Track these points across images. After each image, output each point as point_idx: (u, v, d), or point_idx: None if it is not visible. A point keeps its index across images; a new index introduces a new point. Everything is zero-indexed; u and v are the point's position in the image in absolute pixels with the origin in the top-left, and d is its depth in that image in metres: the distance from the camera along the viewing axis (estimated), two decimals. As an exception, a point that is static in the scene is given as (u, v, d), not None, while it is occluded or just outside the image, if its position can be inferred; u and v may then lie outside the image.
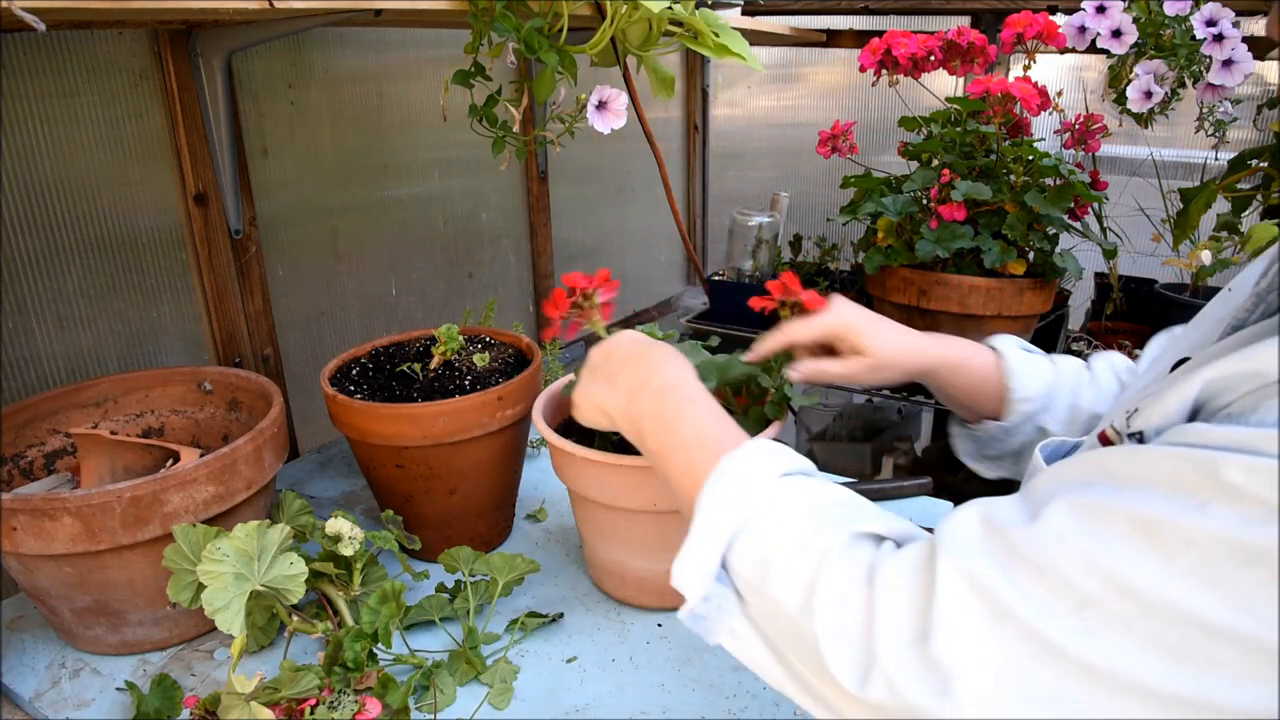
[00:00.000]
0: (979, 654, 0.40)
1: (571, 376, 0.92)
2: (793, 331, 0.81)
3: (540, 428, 0.86)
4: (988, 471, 0.88)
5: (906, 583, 0.44)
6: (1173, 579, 0.36)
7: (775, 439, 0.81)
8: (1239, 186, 1.38)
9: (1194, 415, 0.43)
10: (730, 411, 0.81)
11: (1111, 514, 0.39)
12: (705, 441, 0.59)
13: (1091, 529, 0.39)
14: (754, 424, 0.82)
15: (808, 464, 0.58)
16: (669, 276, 2.27)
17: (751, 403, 0.83)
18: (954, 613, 0.41)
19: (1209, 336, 0.58)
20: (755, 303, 0.87)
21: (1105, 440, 0.50)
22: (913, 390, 1.46)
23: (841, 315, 0.81)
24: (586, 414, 0.72)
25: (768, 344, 0.82)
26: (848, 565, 0.47)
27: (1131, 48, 1.28)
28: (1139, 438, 0.46)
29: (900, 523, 0.52)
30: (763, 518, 0.51)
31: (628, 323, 2.12)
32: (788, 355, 0.84)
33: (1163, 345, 0.74)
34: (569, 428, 0.93)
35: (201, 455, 0.83)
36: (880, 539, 0.50)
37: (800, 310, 0.83)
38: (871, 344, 0.80)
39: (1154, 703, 0.36)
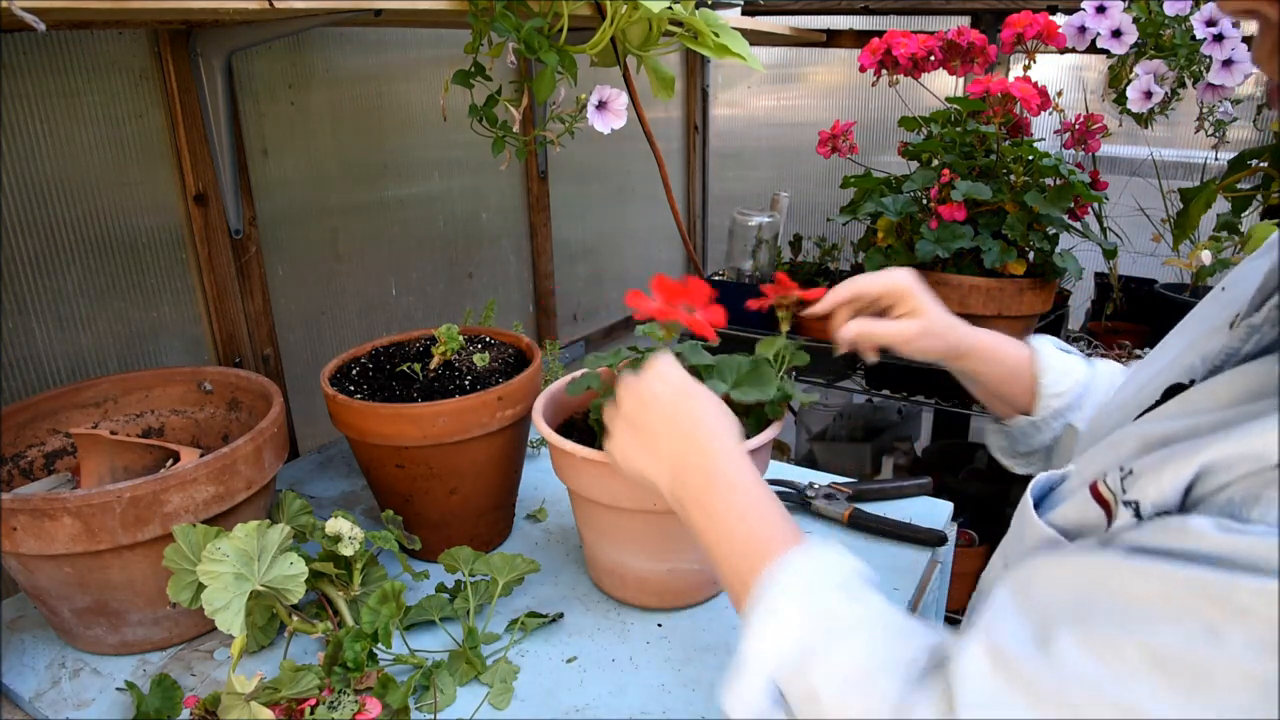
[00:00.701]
0: None
1: (572, 376, 0.92)
2: (860, 282, 0.83)
3: (540, 428, 0.86)
4: (1019, 468, 0.88)
5: None
6: (1192, 715, 0.35)
7: (776, 438, 0.82)
8: (1239, 186, 1.38)
9: (1190, 488, 0.43)
10: (734, 411, 0.81)
11: (1124, 648, 0.38)
12: (751, 539, 0.58)
13: (1106, 665, 0.39)
14: (754, 424, 0.82)
15: (851, 565, 0.56)
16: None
17: (753, 402, 0.83)
18: None
19: (1199, 342, 0.58)
20: (752, 304, 0.87)
21: (1097, 494, 0.49)
22: (913, 390, 1.46)
23: (905, 276, 0.83)
24: (627, 474, 0.69)
25: (836, 294, 0.84)
26: (880, 703, 0.46)
27: (1131, 48, 1.28)
28: (1135, 508, 0.45)
29: (935, 635, 0.51)
30: (814, 651, 0.50)
31: (627, 323, 2.12)
32: (789, 357, 0.84)
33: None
34: (569, 427, 0.94)
35: (201, 455, 0.83)
36: (928, 669, 0.49)
37: (799, 305, 0.83)
38: (928, 308, 0.83)
39: None
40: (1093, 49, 1.30)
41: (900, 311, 0.83)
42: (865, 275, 0.84)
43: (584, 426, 0.93)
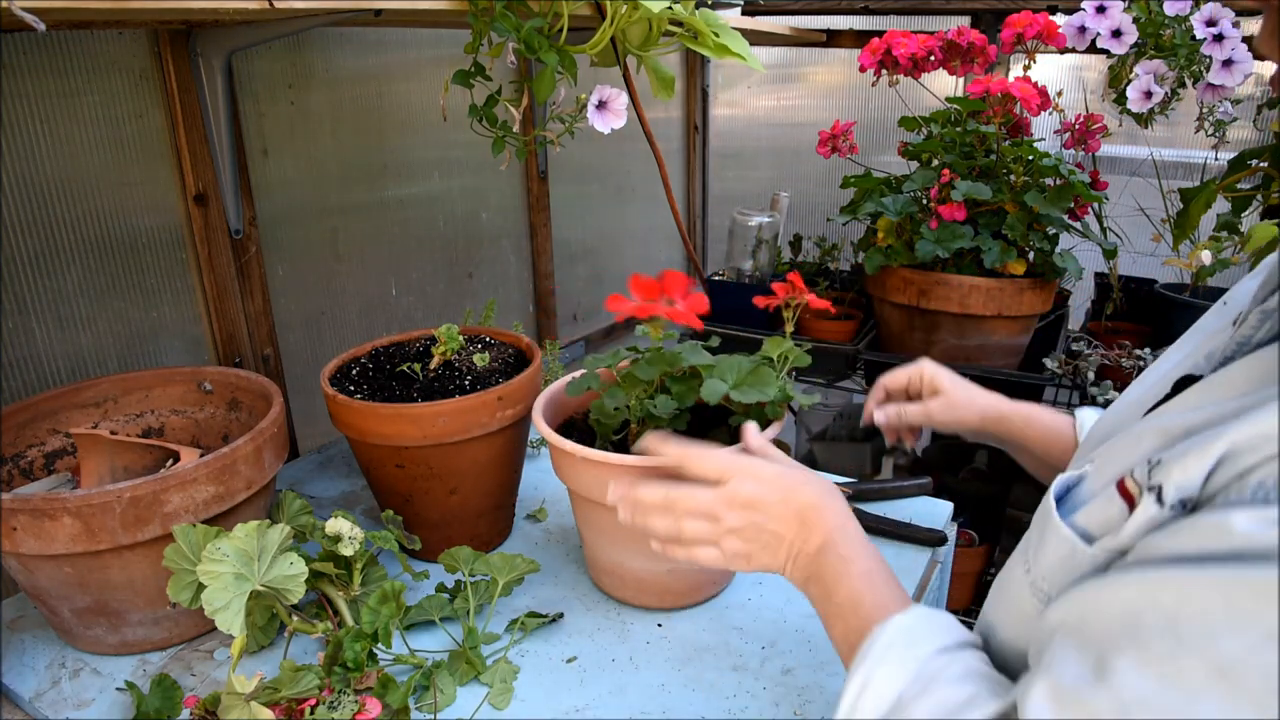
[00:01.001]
0: None
1: (572, 377, 0.92)
2: (884, 378, 0.94)
3: (540, 428, 0.86)
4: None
5: None
6: None
7: (775, 438, 0.82)
8: (1239, 186, 1.38)
9: (1212, 472, 0.42)
10: (734, 411, 0.81)
11: (1185, 664, 0.37)
12: (859, 608, 0.61)
13: (1169, 686, 0.37)
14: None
15: (951, 629, 0.57)
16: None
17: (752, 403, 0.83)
18: None
19: (1203, 344, 0.58)
20: (760, 301, 0.87)
21: (1124, 491, 0.48)
22: (913, 390, 1.46)
23: (926, 362, 0.94)
24: (738, 570, 0.73)
25: (872, 397, 0.97)
26: None
27: (1131, 48, 1.28)
28: (1158, 493, 0.44)
29: (1011, 689, 0.51)
30: (905, 703, 0.51)
31: (627, 323, 2.12)
32: (792, 358, 0.84)
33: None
34: (569, 427, 0.94)
35: (201, 455, 0.83)
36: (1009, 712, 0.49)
37: (803, 309, 0.84)
38: (949, 385, 0.91)
39: None
40: (1093, 49, 1.30)
41: (925, 393, 0.93)
42: (889, 372, 0.95)
43: (584, 426, 0.93)
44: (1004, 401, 0.90)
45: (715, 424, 0.90)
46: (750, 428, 0.76)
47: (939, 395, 0.91)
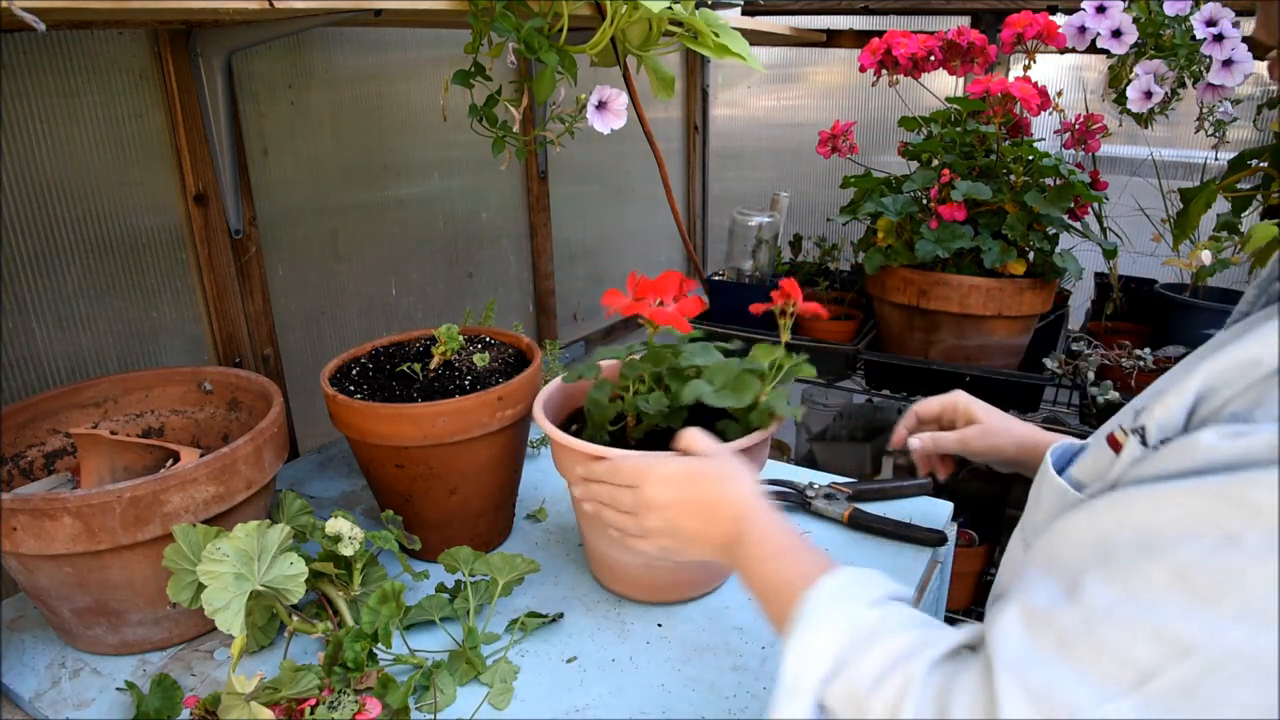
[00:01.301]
0: None
1: (575, 369, 0.93)
2: (918, 407, 0.95)
3: (541, 423, 0.87)
4: None
5: (971, 704, 0.44)
6: (1224, 627, 0.35)
7: (775, 438, 0.82)
8: (1239, 186, 1.38)
9: (1194, 410, 0.43)
10: (722, 413, 0.81)
11: (1148, 574, 0.38)
12: (783, 586, 0.61)
13: (1131, 592, 0.38)
14: (741, 428, 0.82)
15: (880, 583, 0.58)
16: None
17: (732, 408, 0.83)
18: None
19: (1204, 350, 0.59)
20: (755, 309, 0.86)
21: (1114, 443, 0.49)
22: (913, 390, 1.46)
23: (960, 394, 0.95)
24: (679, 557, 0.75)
25: (904, 424, 0.97)
26: (926, 695, 0.47)
27: (1131, 48, 1.28)
28: (1141, 434, 0.45)
29: (971, 630, 0.51)
30: (847, 660, 0.51)
31: (627, 323, 2.12)
32: (781, 366, 0.84)
33: None
34: (570, 424, 0.94)
35: (201, 455, 0.83)
36: (960, 653, 0.50)
37: (796, 315, 0.83)
38: (984, 414, 0.92)
39: None
40: (1093, 49, 1.30)
41: (959, 422, 0.94)
42: (923, 400, 0.96)
43: (585, 422, 0.93)
44: (1039, 431, 0.90)
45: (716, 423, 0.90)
46: (686, 431, 0.77)
47: (975, 424, 0.92)
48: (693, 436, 0.76)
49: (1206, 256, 1.33)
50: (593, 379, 0.88)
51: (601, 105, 1.01)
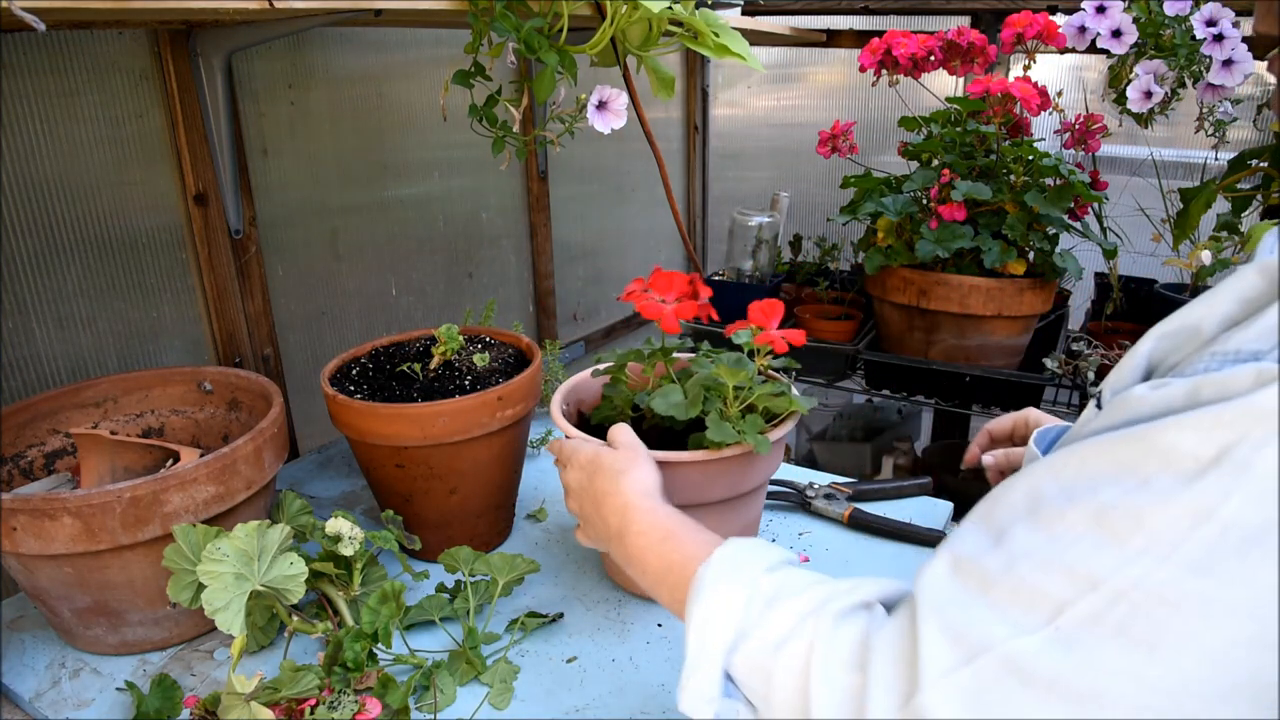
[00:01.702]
0: (957, 697, 0.40)
1: (597, 367, 0.96)
2: (991, 426, 0.91)
3: (558, 420, 0.87)
4: None
5: (892, 647, 0.44)
6: (1130, 561, 0.36)
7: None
8: (1239, 186, 1.38)
9: (1147, 375, 0.44)
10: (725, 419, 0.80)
11: (1067, 515, 0.39)
12: (673, 568, 0.60)
13: (1052, 535, 0.39)
14: (752, 429, 0.82)
15: (772, 550, 0.58)
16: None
17: (746, 411, 0.83)
18: (933, 663, 0.41)
19: None
20: (729, 330, 0.85)
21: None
22: (913, 390, 1.46)
23: (1029, 411, 0.90)
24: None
25: (978, 444, 0.91)
26: (834, 648, 0.46)
27: (1131, 48, 1.28)
28: (1097, 399, 0.47)
29: (884, 583, 0.51)
30: (749, 627, 0.51)
31: (627, 323, 2.12)
32: (754, 396, 0.83)
33: None
34: (582, 422, 0.94)
35: (201, 455, 0.83)
36: (868, 606, 0.49)
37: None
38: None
39: (1131, 706, 0.36)
40: (1093, 49, 1.30)
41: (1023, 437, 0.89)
42: (995, 419, 0.92)
43: (603, 423, 0.93)
44: None
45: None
46: (617, 425, 0.78)
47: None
48: (618, 430, 0.77)
49: (1206, 256, 1.33)
50: (613, 373, 0.90)
51: (601, 105, 1.01)
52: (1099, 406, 0.47)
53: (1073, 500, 0.39)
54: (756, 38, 1.57)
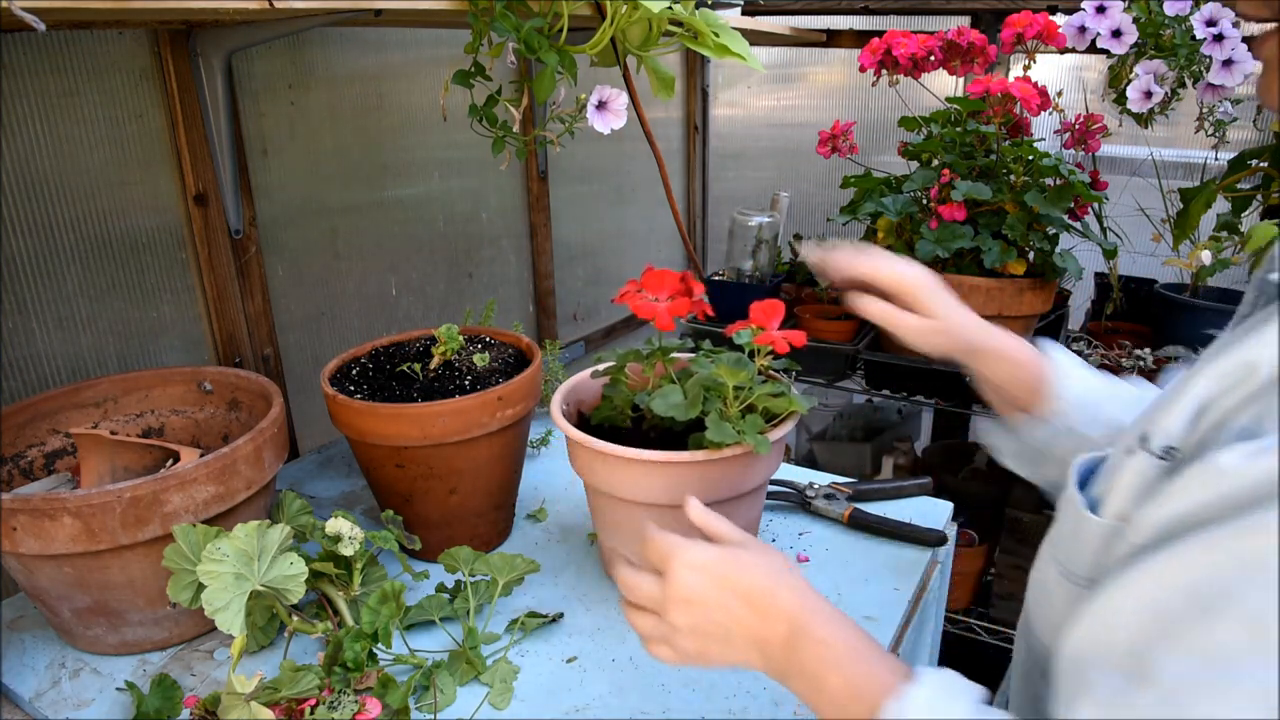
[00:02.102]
0: None
1: (597, 368, 0.95)
2: (878, 271, 0.80)
3: (558, 420, 0.87)
4: (1019, 469, 0.85)
5: None
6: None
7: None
8: (1239, 186, 1.38)
9: (1198, 418, 0.42)
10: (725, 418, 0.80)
11: (1217, 634, 0.36)
12: (859, 693, 0.53)
13: (1209, 658, 0.36)
14: (752, 429, 0.82)
15: (968, 689, 0.52)
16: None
17: (746, 411, 0.83)
18: None
19: None
20: (729, 330, 0.84)
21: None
22: (913, 390, 1.46)
23: (920, 278, 0.80)
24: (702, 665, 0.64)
25: (854, 268, 0.81)
26: None
27: (1131, 48, 1.28)
28: (1147, 442, 0.45)
29: None
30: None
31: (627, 323, 2.12)
32: (754, 397, 0.82)
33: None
34: (582, 422, 0.94)
35: (201, 455, 0.83)
36: None
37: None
38: (943, 310, 0.80)
39: None
40: (1093, 49, 1.30)
41: (908, 307, 0.81)
42: (885, 261, 0.81)
43: (600, 423, 0.93)
44: (985, 333, 0.80)
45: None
46: (690, 502, 0.67)
47: (933, 318, 0.80)
48: (711, 518, 0.66)
49: (1206, 256, 1.33)
50: (613, 374, 0.90)
51: (601, 105, 1.01)
52: (1147, 448, 0.43)
53: (1212, 613, 0.36)
54: (756, 38, 1.57)
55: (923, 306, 0.80)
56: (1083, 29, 1.29)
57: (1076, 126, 1.39)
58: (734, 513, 0.86)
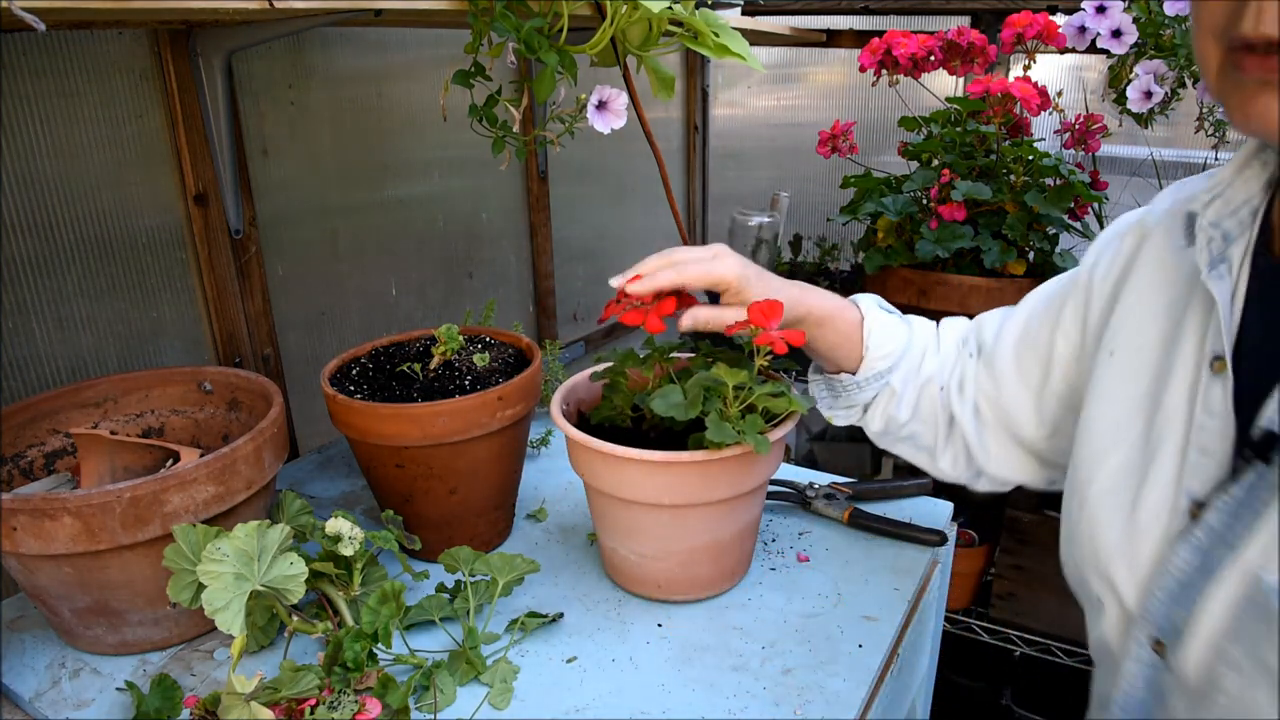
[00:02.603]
0: None
1: (596, 369, 0.95)
2: (686, 273, 0.79)
3: (558, 420, 0.87)
4: (839, 420, 0.95)
5: None
6: None
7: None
8: (1239, 186, 1.37)
9: None
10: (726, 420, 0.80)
11: None
12: None
13: None
14: (752, 429, 0.82)
15: None
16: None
17: (746, 411, 0.83)
18: None
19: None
20: (729, 330, 0.84)
21: None
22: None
23: (727, 268, 0.80)
24: None
25: (657, 279, 0.80)
26: None
27: (1131, 48, 1.28)
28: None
29: None
30: None
31: (628, 323, 2.12)
32: (755, 396, 0.82)
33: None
34: (581, 421, 0.94)
35: (201, 455, 0.83)
36: None
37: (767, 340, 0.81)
38: (760, 295, 0.80)
39: None
40: (1093, 49, 1.30)
41: (731, 301, 0.81)
42: (691, 264, 0.80)
43: (599, 422, 0.93)
44: (800, 300, 0.83)
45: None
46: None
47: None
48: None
49: (1206, 256, 1.33)
50: (613, 377, 0.90)
51: (601, 105, 1.01)
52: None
53: None
54: (756, 38, 1.57)
55: (748, 296, 0.79)
56: (1083, 29, 1.29)
57: (1076, 126, 1.40)
58: (734, 512, 0.87)
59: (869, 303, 0.89)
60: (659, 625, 0.89)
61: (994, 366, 0.85)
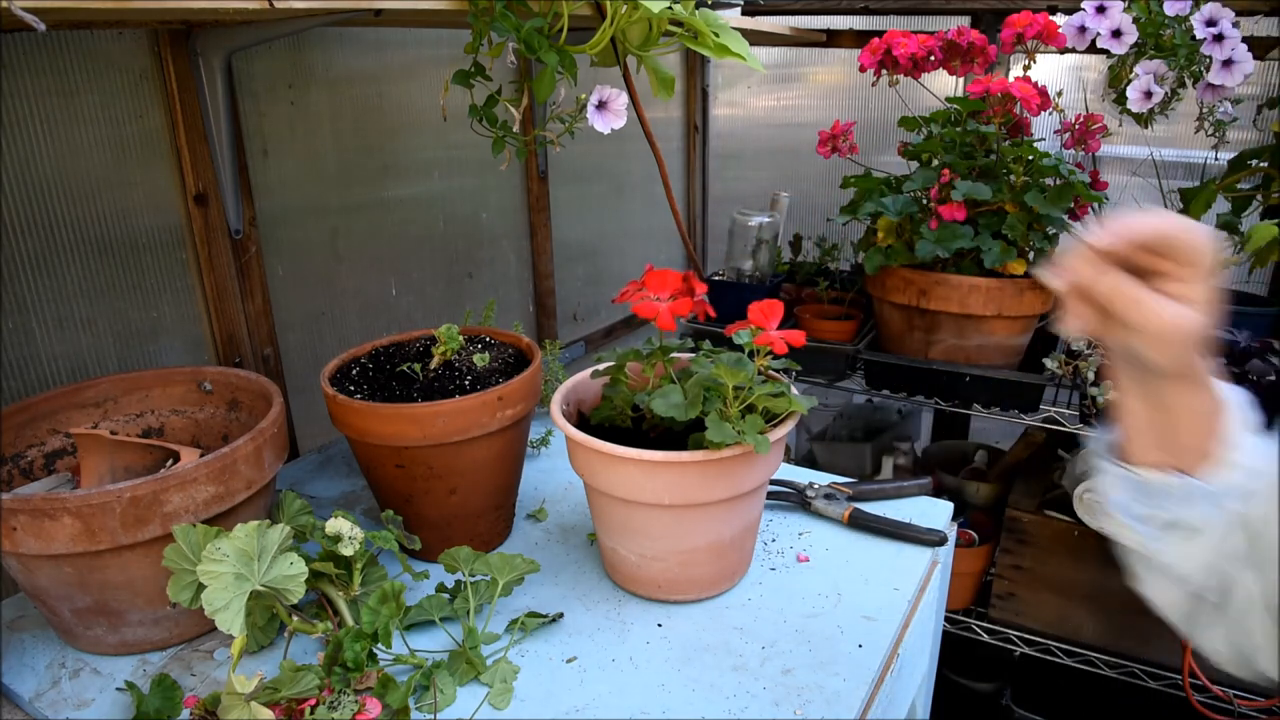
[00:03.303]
0: None
1: (597, 368, 0.95)
2: (1127, 229, 0.55)
3: (558, 420, 0.87)
4: (1119, 532, 0.62)
5: None
6: None
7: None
8: (1239, 186, 1.38)
9: None
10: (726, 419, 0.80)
11: None
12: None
13: None
14: (752, 429, 0.82)
15: None
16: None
17: (746, 411, 0.83)
18: None
19: None
20: (729, 330, 0.84)
21: None
22: (913, 390, 1.46)
23: (1200, 232, 0.53)
24: None
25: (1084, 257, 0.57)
26: None
27: (1131, 48, 1.28)
28: None
29: None
30: None
31: (627, 323, 2.12)
32: (754, 396, 0.82)
33: None
34: (581, 422, 0.94)
35: (201, 455, 0.83)
36: None
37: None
38: (1204, 294, 0.53)
39: None
40: (1093, 49, 1.30)
41: (1168, 280, 0.54)
42: (1141, 219, 0.55)
43: (599, 422, 0.93)
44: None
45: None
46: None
47: (1191, 302, 0.53)
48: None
49: (1206, 256, 1.33)
50: (613, 374, 0.90)
51: (601, 105, 1.01)
52: None
53: None
54: (756, 38, 1.57)
55: (1192, 282, 0.53)
56: (1083, 29, 1.29)
57: (1076, 126, 1.40)
58: (734, 512, 0.87)
59: (1239, 394, 0.61)
60: (659, 625, 0.89)
61: None
